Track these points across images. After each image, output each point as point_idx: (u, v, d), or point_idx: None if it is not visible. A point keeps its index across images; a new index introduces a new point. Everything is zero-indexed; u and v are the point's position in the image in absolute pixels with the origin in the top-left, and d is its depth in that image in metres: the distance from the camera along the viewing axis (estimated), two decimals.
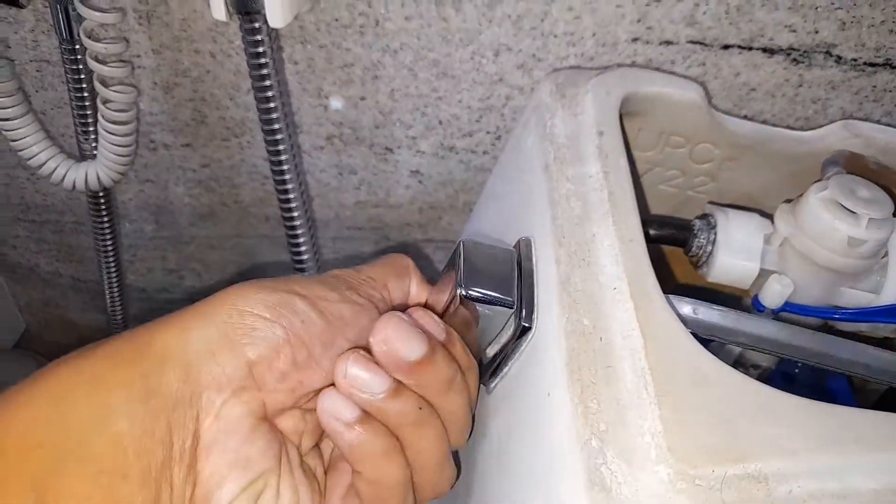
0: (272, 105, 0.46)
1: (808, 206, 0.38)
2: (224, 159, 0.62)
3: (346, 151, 0.59)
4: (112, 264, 0.64)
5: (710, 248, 0.40)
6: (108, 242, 0.62)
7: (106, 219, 0.60)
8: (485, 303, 0.32)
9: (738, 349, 0.43)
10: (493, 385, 0.35)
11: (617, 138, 0.39)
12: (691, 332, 0.30)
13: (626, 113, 0.43)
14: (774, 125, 0.51)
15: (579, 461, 0.26)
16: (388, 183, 0.61)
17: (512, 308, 0.32)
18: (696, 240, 0.40)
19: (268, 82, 0.46)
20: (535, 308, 0.33)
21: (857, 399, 0.50)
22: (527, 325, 0.32)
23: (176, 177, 0.64)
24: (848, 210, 0.37)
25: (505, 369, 0.34)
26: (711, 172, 0.47)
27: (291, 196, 0.51)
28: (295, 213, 0.51)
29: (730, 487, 0.26)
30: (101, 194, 0.58)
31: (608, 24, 0.48)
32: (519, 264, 0.35)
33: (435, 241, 0.66)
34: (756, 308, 0.40)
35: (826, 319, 0.40)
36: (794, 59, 0.48)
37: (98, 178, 0.52)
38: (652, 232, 0.41)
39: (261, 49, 0.44)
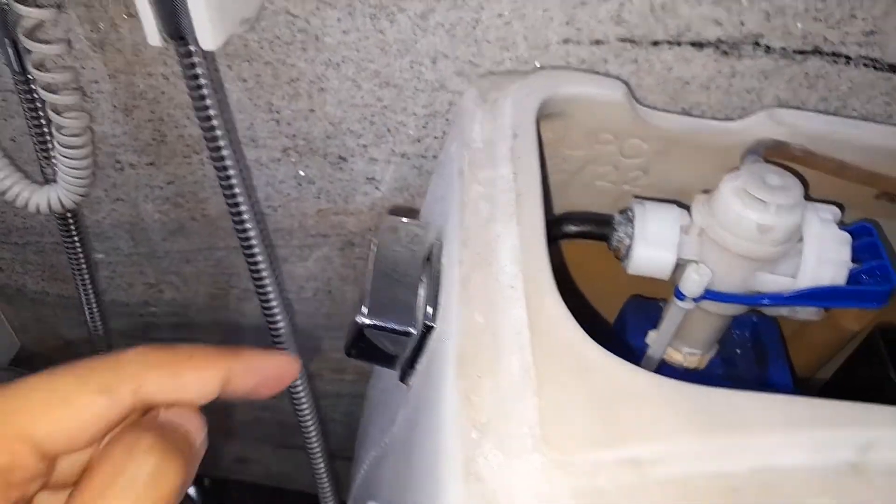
0: (214, 123, 0.48)
1: (721, 195, 0.39)
2: (187, 175, 0.64)
3: (303, 162, 0.61)
4: (88, 281, 0.67)
5: (628, 241, 0.40)
6: (81, 260, 0.64)
7: (76, 239, 0.62)
8: (384, 331, 0.33)
9: (659, 355, 0.44)
10: (409, 380, 0.36)
11: (531, 140, 0.40)
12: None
13: (551, 114, 0.45)
14: (713, 117, 0.52)
15: (459, 452, 0.27)
16: (345, 191, 0.63)
17: (410, 337, 0.33)
18: (616, 234, 0.41)
19: (208, 102, 0.47)
20: (439, 308, 0.34)
21: (799, 386, 0.51)
22: (431, 324, 0.34)
23: (144, 195, 0.66)
24: (757, 198, 0.37)
25: (417, 365, 0.35)
26: (643, 167, 0.48)
27: (243, 209, 0.52)
28: (248, 225, 0.53)
29: (604, 473, 0.27)
30: (68, 215, 0.61)
31: (538, 27, 0.49)
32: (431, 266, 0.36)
33: None
34: (677, 297, 0.41)
35: (745, 305, 0.40)
36: (724, 52, 0.49)
37: (60, 201, 0.55)
38: (573, 228, 0.42)
39: (197, 71, 0.46)
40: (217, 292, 0.76)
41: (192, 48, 0.45)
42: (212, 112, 0.48)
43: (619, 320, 0.50)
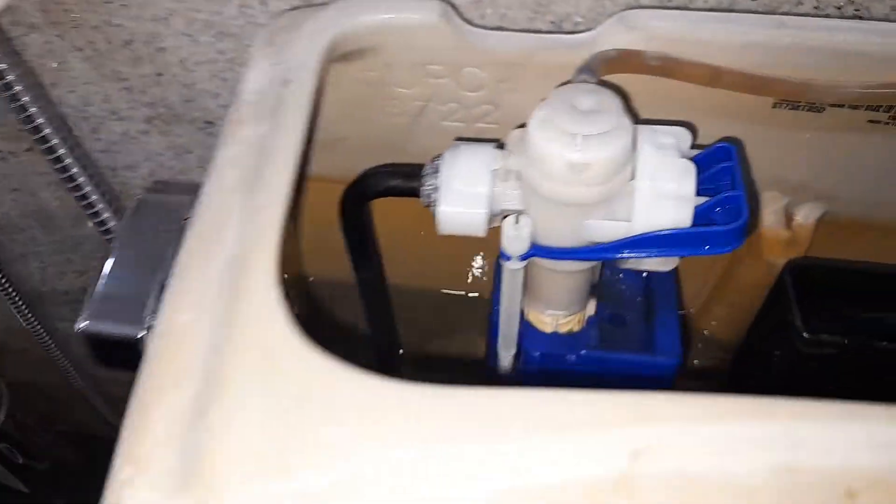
0: (23, 101, 0.44)
1: (528, 130, 0.31)
2: None
3: (172, 131, 0.56)
4: None
5: (434, 195, 0.34)
6: None
7: None
8: (105, 337, 0.29)
9: (511, 323, 0.37)
10: None
11: (305, 87, 0.33)
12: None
13: (359, 50, 0.38)
14: (587, 28, 0.43)
15: (111, 495, 0.23)
16: None
17: (141, 341, 0.29)
18: (424, 188, 0.34)
19: (10, 77, 0.43)
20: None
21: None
22: (148, 328, 0.29)
23: (36, 182, 0.63)
24: (562, 129, 0.30)
25: None
26: (491, 99, 0.40)
27: (86, 190, 0.48)
28: (93, 198, 0.49)
29: None
30: None
31: None
32: None
33: None
34: (503, 258, 0.34)
35: (574, 260, 0.34)
36: None
37: None
38: (379, 186, 0.36)
39: None
40: None
41: None
42: (18, 88, 0.43)
43: (494, 283, 0.43)
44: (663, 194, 0.31)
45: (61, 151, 0.46)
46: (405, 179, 0.35)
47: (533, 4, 0.43)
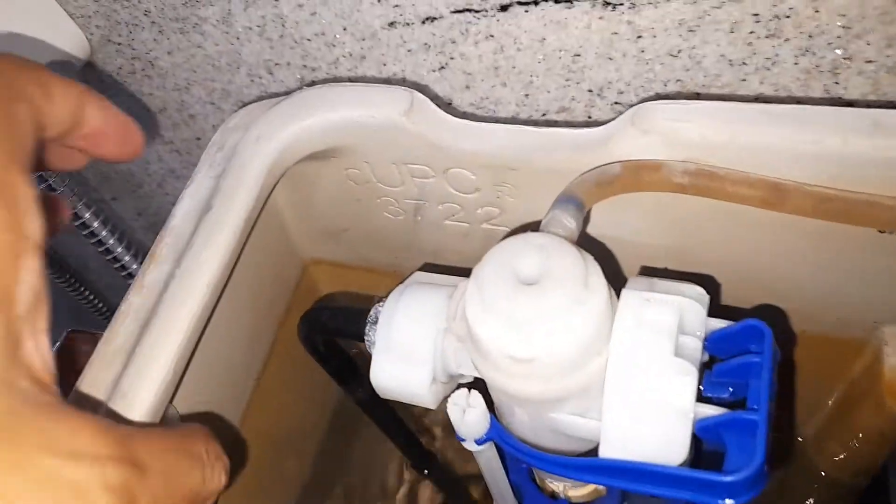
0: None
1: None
2: None
3: None
4: None
5: (373, 349, 0.27)
6: None
7: None
8: None
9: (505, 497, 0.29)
10: None
11: (232, 212, 0.28)
12: None
13: (325, 150, 0.32)
14: (644, 99, 0.33)
15: None
16: None
17: None
18: (366, 337, 0.28)
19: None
20: None
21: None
22: None
23: None
24: (495, 308, 0.22)
25: None
26: (492, 202, 0.32)
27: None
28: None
29: None
30: None
31: (351, 13, 0.35)
32: None
33: None
34: (459, 440, 0.27)
35: (534, 467, 0.25)
36: (607, 1, 0.30)
37: None
38: (324, 325, 0.30)
39: None
40: None
41: None
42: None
43: None
44: (644, 404, 0.21)
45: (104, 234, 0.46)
46: (348, 323, 0.29)
47: (563, 71, 0.34)
